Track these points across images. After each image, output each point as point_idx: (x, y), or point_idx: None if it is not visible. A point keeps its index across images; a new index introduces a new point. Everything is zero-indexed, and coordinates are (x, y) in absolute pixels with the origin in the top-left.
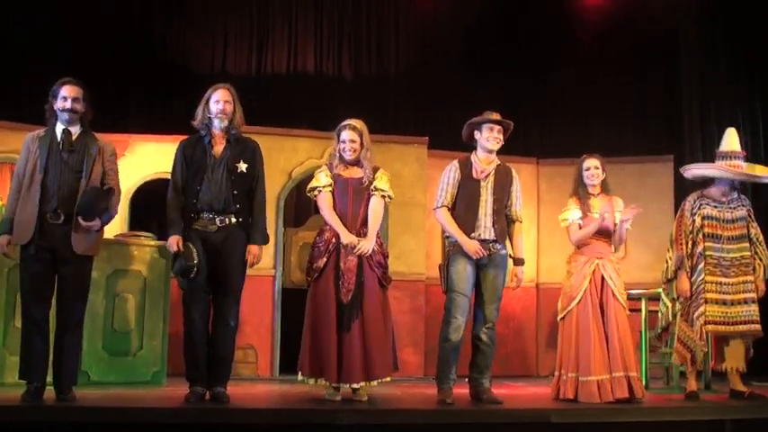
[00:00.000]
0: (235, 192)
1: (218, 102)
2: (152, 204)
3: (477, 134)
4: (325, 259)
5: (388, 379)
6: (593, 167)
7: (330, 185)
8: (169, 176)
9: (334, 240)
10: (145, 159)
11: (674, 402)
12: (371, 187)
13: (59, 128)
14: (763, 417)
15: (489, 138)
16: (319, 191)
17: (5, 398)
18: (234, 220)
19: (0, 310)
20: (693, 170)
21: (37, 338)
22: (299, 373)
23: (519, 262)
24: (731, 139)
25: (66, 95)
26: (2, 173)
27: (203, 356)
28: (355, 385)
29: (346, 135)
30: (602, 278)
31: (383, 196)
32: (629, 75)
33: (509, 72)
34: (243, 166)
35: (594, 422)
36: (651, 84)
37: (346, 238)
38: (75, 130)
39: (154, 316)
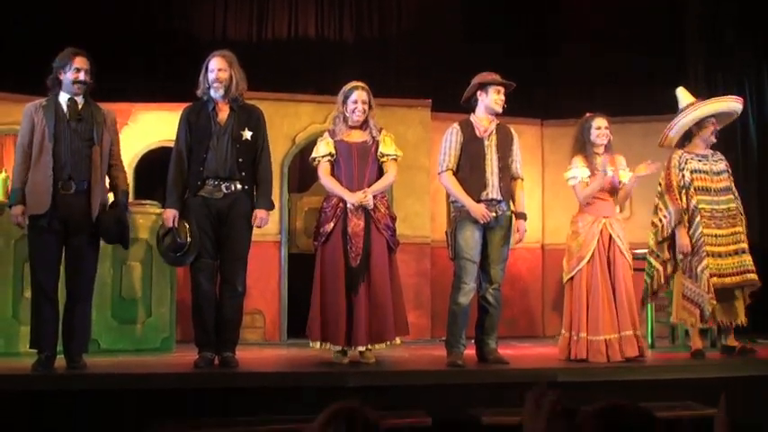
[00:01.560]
0: (240, 160)
1: (213, 71)
2: (156, 173)
3: (481, 95)
4: (332, 224)
5: (399, 341)
6: (603, 127)
7: (329, 155)
8: (173, 144)
9: (341, 205)
10: (148, 128)
11: (680, 361)
12: (378, 153)
13: (64, 97)
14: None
15: (497, 100)
16: (318, 161)
17: (17, 367)
18: (239, 186)
19: (9, 281)
20: (674, 128)
21: (47, 308)
22: (308, 337)
23: (521, 216)
24: (684, 96)
25: (80, 67)
26: (6, 145)
27: (211, 322)
28: (362, 348)
29: (357, 96)
30: (610, 237)
31: (394, 160)
32: (635, 37)
33: (512, 34)
34: (247, 134)
35: (601, 381)
36: (657, 46)
37: (351, 197)
38: (80, 100)
39: (161, 283)
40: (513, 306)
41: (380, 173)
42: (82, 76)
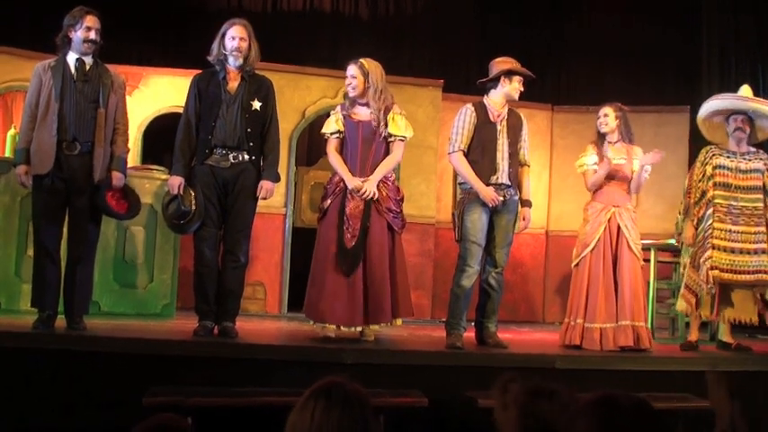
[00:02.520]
0: (248, 130)
1: (234, 38)
2: (165, 138)
3: (504, 82)
4: (329, 201)
5: (399, 322)
6: (602, 116)
7: (338, 132)
8: (182, 110)
9: (342, 184)
10: (159, 93)
11: (678, 353)
12: (386, 133)
13: (72, 57)
14: (758, 369)
15: (517, 89)
16: (327, 137)
17: (18, 324)
18: (247, 157)
19: (13, 239)
20: (706, 106)
21: (49, 267)
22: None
23: (526, 203)
24: (746, 91)
25: (92, 26)
26: (16, 101)
27: (213, 291)
28: (358, 328)
29: (348, 71)
30: (618, 227)
31: (401, 140)
32: (649, 23)
33: (526, 17)
34: (257, 105)
35: (598, 369)
36: (671, 34)
37: (351, 182)
38: (88, 61)
39: (164, 249)
40: (514, 291)
41: (388, 153)
42: (93, 35)
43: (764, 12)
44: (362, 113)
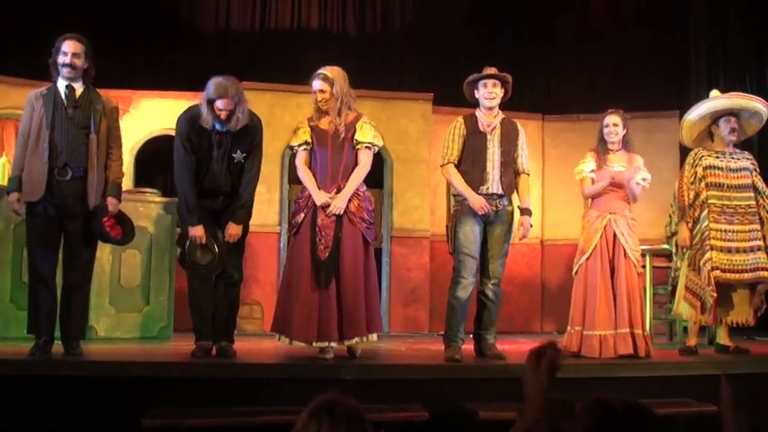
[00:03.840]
0: (233, 181)
1: (222, 111)
2: (157, 161)
3: (475, 92)
4: (303, 215)
5: (375, 338)
6: (611, 124)
7: (306, 143)
8: (173, 133)
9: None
10: (149, 115)
11: (677, 358)
12: (354, 141)
13: (62, 84)
14: (757, 371)
15: (485, 94)
16: (295, 150)
17: (14, 352)
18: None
19: (7, 265)
20: (694, 111)
21: (45, 293)
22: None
23: (526, 212)
24: (715, 94)
25: (67, 50)
26: (7, 129)
27: (209, 310)
28: (334, 344)
29: (315, 85)
30: (615, 234)
31: (368, 148)
32: (637, 31)
33: (515, 27)
34: (240, 156)
35: (597, 377)
36: (659, 40)
37: (319, 199)
38: (79, 87)
39: (160, 272)
40: (511, 302)
41: (357, 161)
42: (68, 59)
43: (752, 14)
44: (331, 123)
